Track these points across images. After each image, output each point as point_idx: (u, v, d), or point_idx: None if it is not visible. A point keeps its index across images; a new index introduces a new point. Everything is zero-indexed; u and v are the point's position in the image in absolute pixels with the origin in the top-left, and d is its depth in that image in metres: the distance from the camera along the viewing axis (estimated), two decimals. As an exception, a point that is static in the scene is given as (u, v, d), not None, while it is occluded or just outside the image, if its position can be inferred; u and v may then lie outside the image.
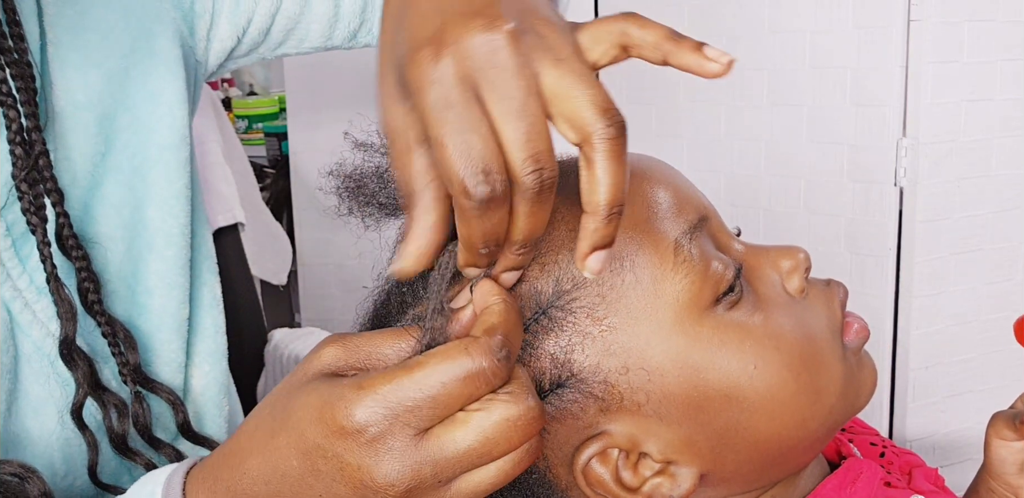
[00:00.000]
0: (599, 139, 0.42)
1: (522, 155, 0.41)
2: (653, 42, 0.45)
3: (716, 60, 0.44)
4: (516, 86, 0.42)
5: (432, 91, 0.42)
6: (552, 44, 0.43)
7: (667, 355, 0.50)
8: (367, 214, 0.55)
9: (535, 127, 0.42)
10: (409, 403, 0.41)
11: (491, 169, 0.41)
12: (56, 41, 0.66)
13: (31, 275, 0.65)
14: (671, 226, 0.51)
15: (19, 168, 0.62)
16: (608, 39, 0.45)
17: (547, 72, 0.42)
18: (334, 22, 0.78)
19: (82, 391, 0.64)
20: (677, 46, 0.44)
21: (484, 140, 0.41)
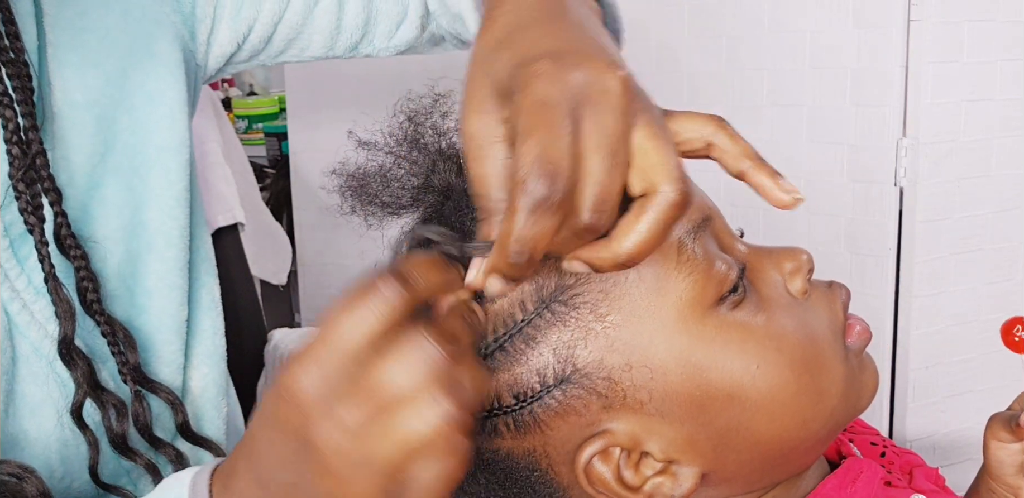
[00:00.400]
0: (662, 200, 0.43)
1: (592, 192, 0.42)
2: (737, 155, 0.48)
3: (788, 192, 0.47)
4: (617, 126, 0.43)
5: (540, 89, 0.43)
6: (651, 105, 0.46)
7: (670, 353, 0.50)
8: (369, 213, 0.55)
9: (620, 169, 0.43)
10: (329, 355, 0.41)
11: (560, 175, 0.41)
12: (55, 42, 0.66)
13: (29, 276, 0.64)
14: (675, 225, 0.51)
15: (16, 167, 0.62)
16: (699, 133, 0.48)
17: (642, 128, 0.44)
18: (336, 34, 0.79)
19: (82, 391, 0.64)
20: (758, 167, 0.48)
21: (568, 150, 0.42)
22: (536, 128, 0.42)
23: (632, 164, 0.44)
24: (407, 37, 0.80)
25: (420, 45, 0.82)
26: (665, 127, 0.45)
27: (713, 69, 1.47)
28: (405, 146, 0.56)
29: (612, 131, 0.43)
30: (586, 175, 0.42)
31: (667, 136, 0.45)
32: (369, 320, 0.41)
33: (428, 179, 0.55)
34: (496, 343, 0.50)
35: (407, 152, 0.56)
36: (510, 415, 0.51)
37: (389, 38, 0.80)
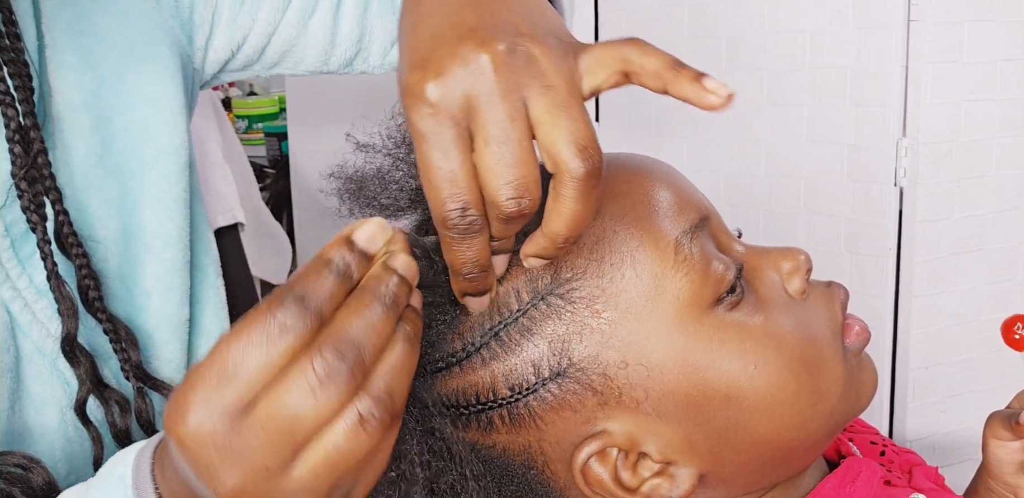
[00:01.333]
0: (570, 178, 0.43)
1: (500, 181, 0.42)
2: (653, 70, 0.45)
3: (715, 92, 0.44)
4: (500, 111, 0.42)
5: (418, 122, 0.43)
6: (543, 68, 0.44)
7: (667, 353, 0.50)
8: (367, 215, 0.55)
9: (517, 153, 0.42)
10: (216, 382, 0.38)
11: (468, 204, 0.43)
12: (53, 43, 0.66)
13: (30, 275, 0.65)
14: (672, 225, 0.52)
15: (18, 166, 0.62)
16: (610, 65, 0.45)
17: (534, 98, 0.43)
18: (330, 49, 0.79)
19: (85, 388, 0.65)
20: (676, 76, 0.44)
21: (464, 173, 0.42)
22: (425, 166, 0.43)
23: (537, 138, 0.43)
24: None
25: None
26: (561, 85, 0.43)
27: (713, 69, 1.47)
28: (404, 148, 0.56)
29: (496, 118, 0.42)
30: (484, 171, 0.43)
31: (563, 97, 0.43)
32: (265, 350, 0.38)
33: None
34: (492, 332, 0.50)
35: (405, 154, 0.56)
36: (505, 408, 0.51)
37: (384, 56, 0.81)
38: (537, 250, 0.46)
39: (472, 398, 0.51)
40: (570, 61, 0.45)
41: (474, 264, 0.45)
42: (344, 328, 0.39)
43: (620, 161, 0.55)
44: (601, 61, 0.45)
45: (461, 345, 0.51)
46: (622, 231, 0.51)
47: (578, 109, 0.43)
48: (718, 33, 1.45)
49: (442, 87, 0.43)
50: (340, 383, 0.38)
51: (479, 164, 0.43)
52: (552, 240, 0.44)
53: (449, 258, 0.45)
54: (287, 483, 0.39)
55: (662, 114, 1.54)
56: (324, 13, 0.77)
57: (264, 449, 0.38)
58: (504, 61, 0.43)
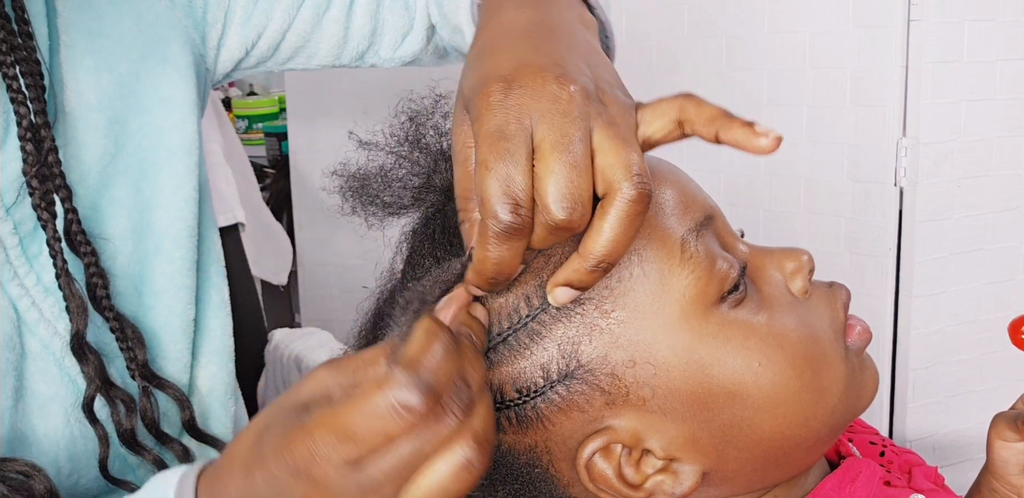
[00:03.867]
0: (621, 198, 0.44)
1: (558, 187, 0.44)
2: (707, 118, 0.48)
3: (765, 136, 0.46)
4: (570, 130, 0.45)
5: (491, 118, 0.45)
6: (610, 110, 0.47)
7: (673, 350, 0.50)
8: (370, 213, 0.55)
9: (577, 169, 0.44)
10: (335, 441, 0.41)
11: (521, 202, 0.44)
12: (71, 44, 0.67)
13: (38, 274, 0.65)
14: (677, 224, 0.52)
15: (30, 164, 0.62)
16: (666, 114, 0.48)
17: (599, 129, 0.45)
18: (343, 43, 0.80)
19: (93, 386, 0.65)
20: (729, 123, 0.47)
21: (523, 174, 0.44)
22: (492, 160, 0.44)
23: (594, 166, 0.45)
24: (412, 49, 0.81)
25: (425, 57, 0.83)
26: (629, 125, 0.47)
27: (713, 69, 1.47)
28: (407, 146, 0.56)
29: (565, 135, 0.45)
30: (545, 176, 0.44)
31: (624, 134, 0.46)
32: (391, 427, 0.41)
33: (429, 179, 0.55)
34: (500, 337, 0.50)
35: (408, 152, 0.56)
36: (512, 409, 0.51)
37: (394, 49, 0.81)
38: (568, 275, 0.46)
39: None
40: (632, 112, 0.48)
41: (500, 267, 0.45)
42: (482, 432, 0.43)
43: None
44: (658, 112, 0.48)
45: None
46: None
47: (635, 145, 0.46)
48: (718, 33, 1.45)
49: (522, 96, 0.46)
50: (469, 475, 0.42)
51: (540, 169, 0.44)
52: (586, 259, 0.45)
53: (479, 254, 0.45)
54: None
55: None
56: (338, 9, 0.78)
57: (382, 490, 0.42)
58: (581, 95, 0.46)
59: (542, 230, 0.45)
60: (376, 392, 0.41)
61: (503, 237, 0.44)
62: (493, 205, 0.44)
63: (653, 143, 0.49)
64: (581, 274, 0.46)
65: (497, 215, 0.44)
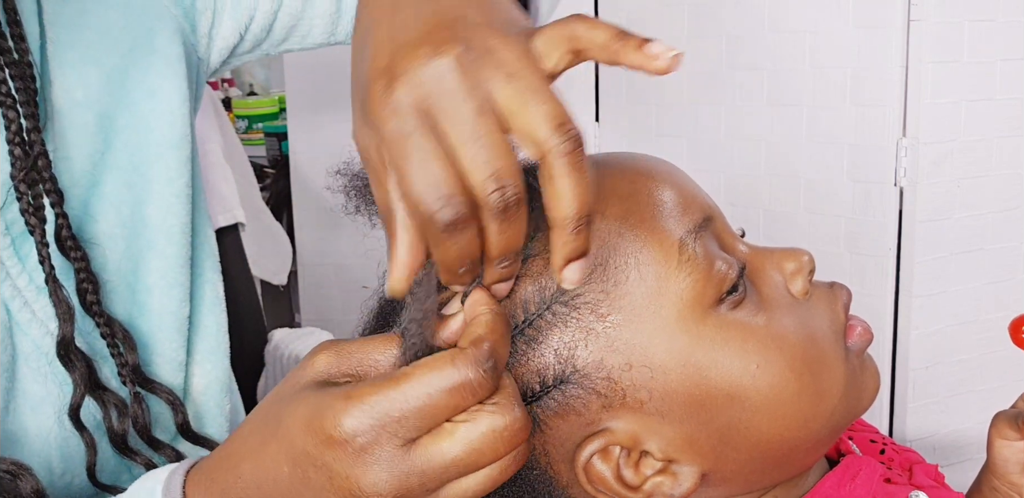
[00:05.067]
0: (556, 155, 0.42)
1: (481, 176, 0.42)
2: (601, 43, 0.44)
3: (660, 56, 0.43)
4: (467, 109, 0.43)
5: (388, 123, 0.43)
6: (503, 58, 0.43)
7: (670, 353, 0.50)
8: (373, 212, 0.55)
9: (491, 146, 0.42)
10: (396, 414, 0.41)
11: (451, 193, 0.42)
12: (55, 39, 0.66)
13: (30, 274, 0.65)
14: (676, 225, 0.52)
15: (18, 168, 0.62)
16: (561, 45, 0.45)
17: (499, 89, 0.43)
18: (336, 18, 0.78)
19: (79, 391, 0.64)
20: (623, 45, 0.44)
21: (442, 166, 0.42)
22: (404, 166, 0.43)
23: (511, 129, 0.43)
24: None
25: None
26: (523, 71, 0.43)
27: (713, 69, 1.47)
28: None
29: (465, 116, 0.42)
30: (466, 168, 0.43)
31: (529, 82, 0.43)
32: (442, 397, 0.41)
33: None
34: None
35: None
36: None
37: None
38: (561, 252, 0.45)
39: None
40: (526, 45, 0.45)
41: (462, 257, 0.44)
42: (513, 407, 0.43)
43: (623, 162, 0.55)
44: (551, 42, 0.45)
45: None
46: (627, 233, 0.51)
47: (546, 91, 0.43)
48: (718, 33, 1.45)
49: (407, 88, 0.43)
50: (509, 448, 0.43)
51: (458, 168, 0.43)
52: (564, 226, 0.44)
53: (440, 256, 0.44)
54: None
55: (662, 114, 1.54)
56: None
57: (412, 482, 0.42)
58: (462, 60, 0.43)
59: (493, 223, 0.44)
60: (448, 367, 0.41)
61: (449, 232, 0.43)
62: (426, 207, 0.43)
63: (557, 75, 0.46)
64: (569, 243, 0.44)
65: (433, 216, 0.43)
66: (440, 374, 0.41)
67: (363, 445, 0.41)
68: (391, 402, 0.41)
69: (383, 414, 0.41)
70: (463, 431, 0.42)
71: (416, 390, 0.41)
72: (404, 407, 0.41)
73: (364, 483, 0.42)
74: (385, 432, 0.41)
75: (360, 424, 0.41)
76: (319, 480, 0.42)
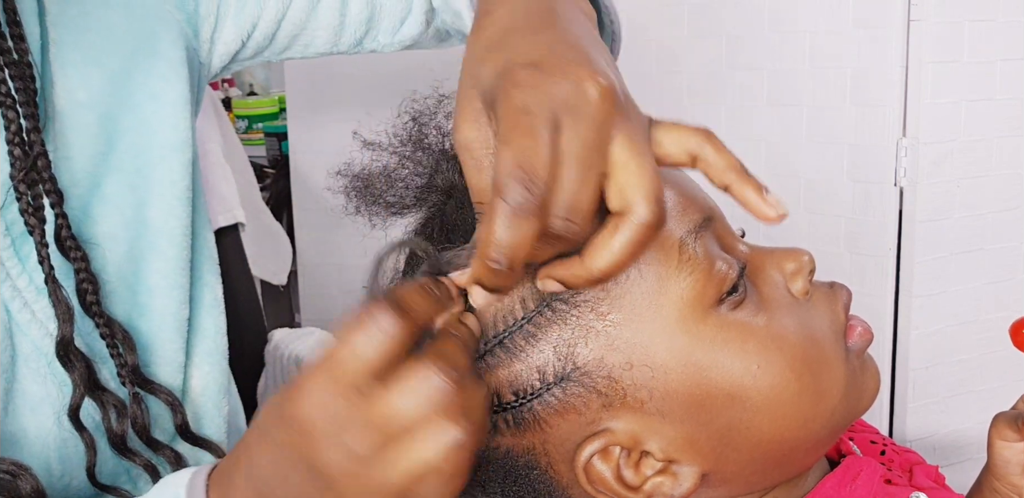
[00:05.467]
0: (636, 221, 0.43)
1: (566, 199, 0.43)
2: (723, 169, 0.47)
3: (773, 207, 0.46)
4: (594, 135, 0.43)
5: (519, 97, 0.44)
6: (633, 119, 0.45)
7: (671, 353, 0.50)
8: (374, 213, 0.55)
9: (587, 182, 0.43)
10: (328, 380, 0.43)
11: (537, 181, 0.42)
12: (58, 40, 0.66)
13: (30, 275, 0.65)
14: (676, 225, 0.52)
15: (17, 169, 0.62)
16: (685, 145, 0.47)
17: (621, 140, 0.44)
18: (340, 30, 0.79)
19: (79, 392, 0.64)
20: (743, 181, 0.47)
21: (544, 156, 0.43)
22: (513, 135, 0.43)
23: (610, 177, 0.44)
24: (412, 33, 0.80)
25: (425, 41, 0.82)
26: (646, 141, 0.46)
27: (713, 69, 1.47)
28: (409, 146, 0.56)
29: (588, 141, 0.43)
30: (559, 183, 0.43)
31: (648, 152, 0.45)
32: (368, 350, 0.43)
33: (432, 179, 0.55)
34: (496, 339, 0.50)
35: (411, 152, 0.56)
36: (509, 412, 0.51)
37: (393, 34, 0.80)
38: (566, 276, 0.45)
39: None
40: (647, 127, 0.47)
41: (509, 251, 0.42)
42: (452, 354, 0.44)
43: None
44: (678, 139, 0.47)
45: None
46: None
47: (654, 165, 0.45)
48: (718, 33, 1.45)
49: (553, 85, 0.44)
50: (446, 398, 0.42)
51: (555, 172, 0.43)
52: (587, 271, 0.45)
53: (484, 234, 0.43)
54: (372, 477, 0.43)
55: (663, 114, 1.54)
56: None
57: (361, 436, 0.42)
58: (610, 97, 0.44)
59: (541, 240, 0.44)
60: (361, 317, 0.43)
61: (511, 214, 0.41)
62: (508, 178, 0.42)
63: (660, 164, 0.47)
64: (578, 280, 0.46)
65: (508, 189, 0.41)
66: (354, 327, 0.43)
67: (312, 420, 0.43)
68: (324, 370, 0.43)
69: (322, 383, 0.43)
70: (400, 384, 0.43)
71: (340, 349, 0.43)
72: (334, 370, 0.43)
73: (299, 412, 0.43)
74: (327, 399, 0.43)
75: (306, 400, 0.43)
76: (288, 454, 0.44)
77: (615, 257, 0.44)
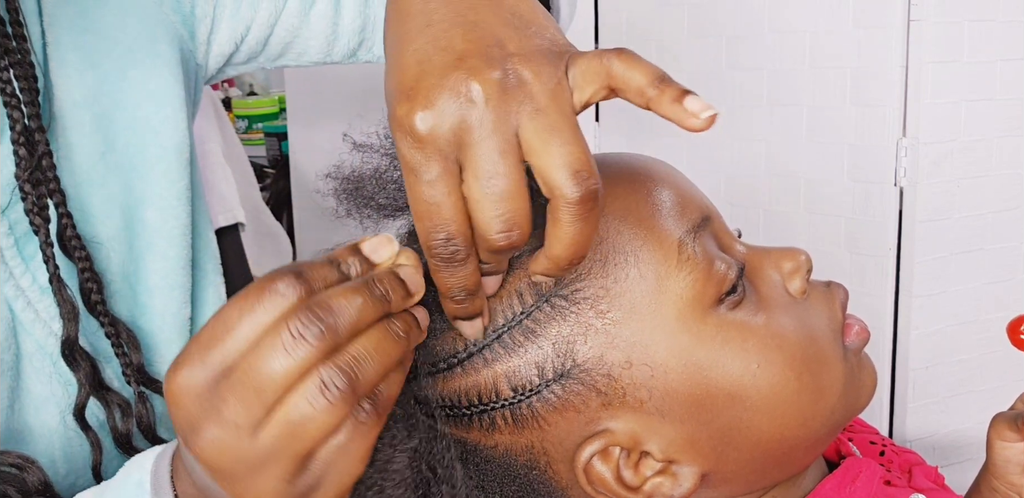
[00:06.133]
0: (565, 203, 0.42)
1: (489, 214, 0.43)
2: (637, 87, 0.44)
3: (697, 114, 0.43)
4: (490, 145, 0.42)
5: (407, 154, 0.43)
6: (534, 91, 0.43)
7: (670, 352, 0.50)
8: (365, 215, 0.55)
9: (505, 186, 0.42)
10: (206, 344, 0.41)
11: (452, 234, 0.43)
12: (55, 41, 0.66)
13: (34, 274, 0.65)
14: (675, 225, 0.52)
15: (22, 168, 0.62)
16: (596, 79, 0.44)
17: (525, 124, 0.42)
18: (332, 40, 0.79)
19: (84, 391, 0.65)
20: (660, 94, 0.43)
21: (449, 205, 0.43)
22: (413, 197, 0.44)
23: (531, 164, 0.43)
24: None
25: None
26: (551, 107, 0.43)
27: (713, 69, 1.47)
28: None
29: (485, 153, 0.42)
30: (474, 207, 0.43)
31: (554, 120, 0.42)
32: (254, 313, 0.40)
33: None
34: (495, 334, 0.50)
35: None
36: (508, 408, 0.51)
37: None
38: (543, 270, 0.46)
39: (474, 398, 0.51)
40: (561, 75, 0.44)
41: (460, 289, 0.46)
42: (325, 299, 0.40)
43: (622, 162, 0.55)
44: (587, 75, 0.44)
45: (463, 346, 0.51)
46: (626, 231, 0.51)
47: (570, 131, 0.43)
48: (718, 33, 1.45)
49: (431, 120, 0.42)
50: (308, 346, 0.39)
51: (468, 197, 0.43)
52: (556, 263, 0.45)
53: (437, 282, 0.46)
54: (254, 445, 0.40)
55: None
56: (324, 4, 0.77)
57: (236, 406, 0.39)
58: (494, 90, 0.42)
59: (486, 254, 0.45)
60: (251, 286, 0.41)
61: (445, 267, 0.44)
62: (427, 241, 0.44)
63: (587, 105, 0.45)
64: (553, 271, 0.46)
65: (431, 250, 0.44)
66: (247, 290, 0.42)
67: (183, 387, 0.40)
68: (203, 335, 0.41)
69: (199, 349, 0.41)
70: None
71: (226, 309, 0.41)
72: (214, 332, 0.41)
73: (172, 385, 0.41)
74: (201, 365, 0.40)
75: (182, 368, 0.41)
76: None
77: (571, 244, 0.43)
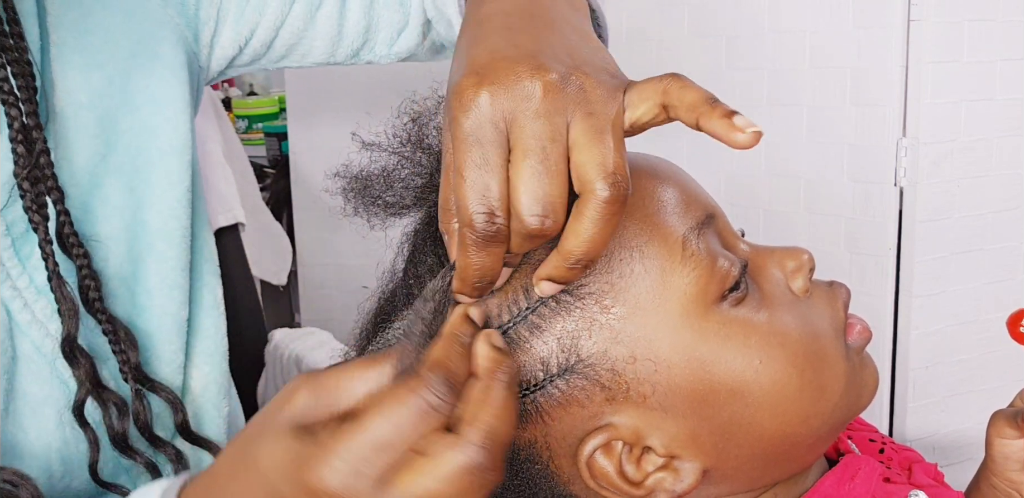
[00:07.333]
0: (595, 199, 0.44)
1: (530, 196, 0.44)
2: (689, 103, 0.46)
3: (742, 130, 0.45)
4: (541, 131, 0.44)
5: (464, 123, 0.45)
6: (590, 97, 0.45)
7: (674, 348, 0.50)
8: (372, 214, 0.56)
9: (550, 173, 0.44)
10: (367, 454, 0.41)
11: (496, 210, 0.44)
12: (60, 42, 0.66)
13: (31, 275, 0.65)
14: (679, 222, 0.52)
15: (21, 166, 0.62)
16: (650, 98, 0.47)
17: (575, 122, 0.45)
18: (337, 41, 0.79)
19: (84, 389, 0.65)
20: (710, 110, 0.45)
21: (498, 181, 0.44)
22: (465, 169, 0.44)
23: (571, 160, 0.44)
24: (408, 45, 0.81)
25: (421, 53, 0.83)
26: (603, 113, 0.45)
27: (713, 69, 1.47)
28: (409, 147, 0.56)
29: (537, 137, 0.44)
30: (517, 184, 0.44)
31: (602, 123, 0.45)
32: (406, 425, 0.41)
33: (432, 179, 0.56)
34: (500, 330, 0.50)
35: (411, 153, 0.56)
36: None
37: (390, 45, 0.81)
38: (550, 271, 0.46)
39: None
40: (618, 96, 0.47)
41: (483, 272, 0.46)
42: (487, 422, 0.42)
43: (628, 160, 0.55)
44: (644, 93, 0.47)
45: None
46: (631, 227, 0.51)
47: (616, 139, 0.45)
48: (718, 33, 1.45)
49: (494, 96, 0.45)
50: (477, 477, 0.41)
51: (513, 176, 0.44)
52: (565, 259, 0.45)
53: (461, 261, 0.46)
54: None
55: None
56: (331, 5, 0.77)
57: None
58: (555, 88, 0.45)
59: (516, 237, 0.45)
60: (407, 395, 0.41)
61: (481, 245, 0.45)
62: (469, 214, 0.44)
63: (640, 127, 0.48)
64: (562, 271, 0.46)
65: (473, 224, 0.44)
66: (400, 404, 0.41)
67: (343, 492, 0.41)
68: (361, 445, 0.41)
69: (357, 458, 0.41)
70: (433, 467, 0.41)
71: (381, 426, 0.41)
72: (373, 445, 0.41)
73: None
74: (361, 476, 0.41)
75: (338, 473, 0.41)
76: None
77: (584, 239, 0.44)
